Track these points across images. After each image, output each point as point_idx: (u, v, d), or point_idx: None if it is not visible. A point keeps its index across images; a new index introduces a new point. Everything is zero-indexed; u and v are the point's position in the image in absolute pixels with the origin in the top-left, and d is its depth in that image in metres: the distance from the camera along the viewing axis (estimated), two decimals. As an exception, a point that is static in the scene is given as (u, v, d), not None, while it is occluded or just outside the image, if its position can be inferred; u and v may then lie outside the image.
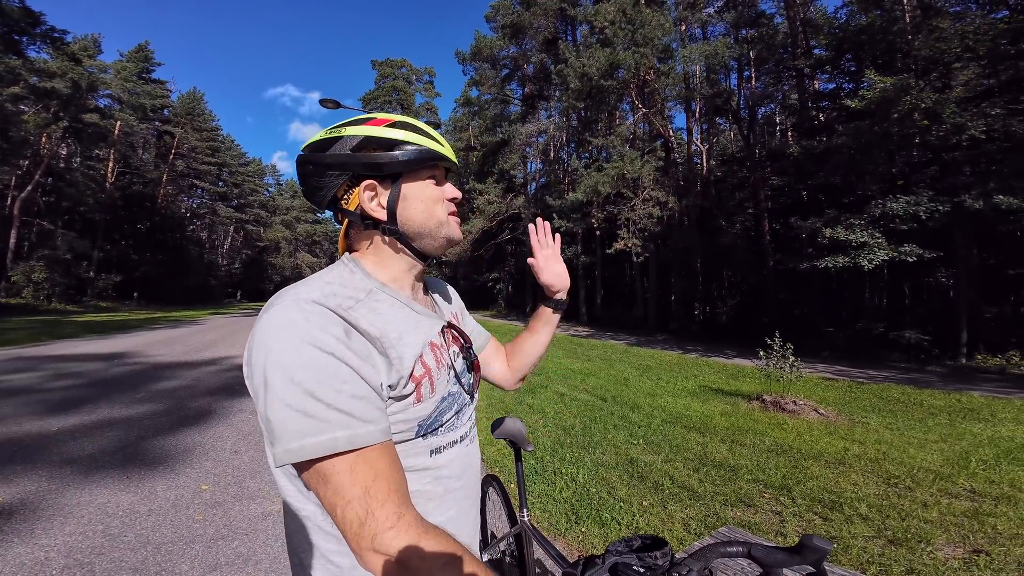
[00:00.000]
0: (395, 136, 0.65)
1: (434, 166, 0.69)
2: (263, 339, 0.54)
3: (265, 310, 0.57)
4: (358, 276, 0.66)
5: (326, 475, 0.51)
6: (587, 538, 2.34)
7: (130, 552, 2.12)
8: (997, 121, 10.21)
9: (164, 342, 10.29)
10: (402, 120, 0.67)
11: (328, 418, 0.51)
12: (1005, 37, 10.83)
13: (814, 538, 0.54)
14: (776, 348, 5.91)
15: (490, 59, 28.10)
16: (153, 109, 35.19)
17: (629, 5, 18.04)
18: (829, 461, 3.60)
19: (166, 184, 37.14)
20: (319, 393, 0.51)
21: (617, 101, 20.87)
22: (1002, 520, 2.59)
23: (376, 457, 0.53)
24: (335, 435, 0.51)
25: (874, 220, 11.77)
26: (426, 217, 0.68)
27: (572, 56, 19.40)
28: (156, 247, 33.12)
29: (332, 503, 0.50)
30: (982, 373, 9.96)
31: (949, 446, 4.14)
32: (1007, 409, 5.85)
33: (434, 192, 0.69)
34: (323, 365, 0.52)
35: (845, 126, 13.29)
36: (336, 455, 0.51)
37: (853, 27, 14.19)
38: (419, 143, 0.66)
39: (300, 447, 0.50)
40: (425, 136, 0.68)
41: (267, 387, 0.52)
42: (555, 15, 24.50)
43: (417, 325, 0.67)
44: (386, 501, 0.50)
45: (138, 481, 2.91)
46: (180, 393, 5.31)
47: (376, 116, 0.68)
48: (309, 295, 0.57)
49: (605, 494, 2.87)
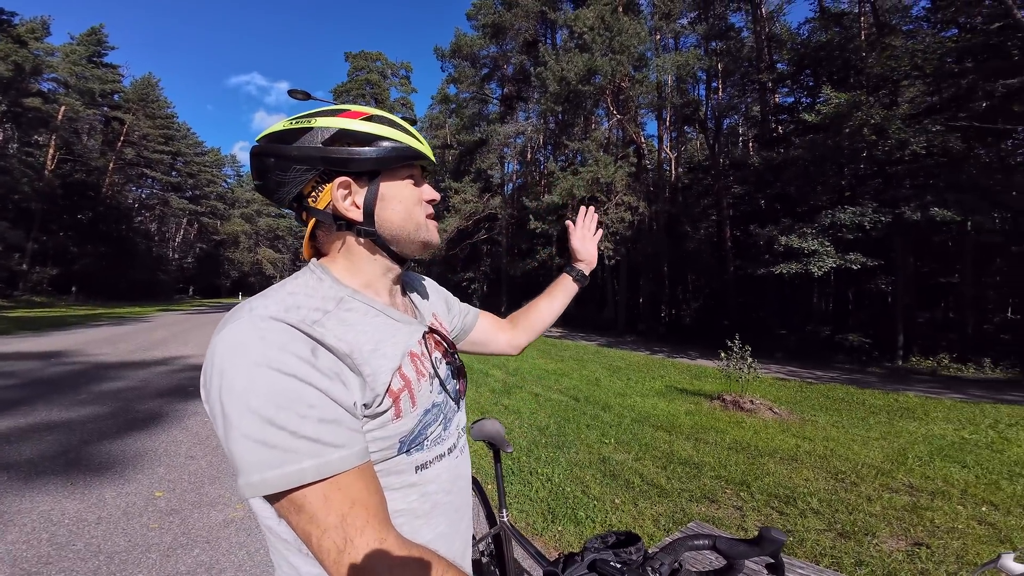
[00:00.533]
0: (373, 131, 0.60)
1: (412, 165, 0.65)
2: (216, 362, 0.49)
3: (219, 329, 0.52)
4: (326, 284, 0.61)
5: (298, 505, 0.47)
6: (564, 536, 2.39)
7: (80, 562, 1.99)
8: (937, 137, 11.06)
9: (107, 340, 9.58)
10: (378, 114, 0.63)
11: (293, 447, 0.47)
12: (951, 56, 11.72)
13: (771, 530, 0.58)
14: (736, 350, 6.21)
15: (470, 57, 27.92)
16: (103, 94, 32.91)
17: (608, 12, 18.42)
18: (783, 458, 3.82)
19: (113, 173, 34.57)
20: (280, 420, 0.47)
21: (593, 106, 21.26)
22: (939, 514, 2.81)
23: (350, 483, 0.49)
24: (302, 465, 0.47)
25: (824, 229, 12.54)
26: (404, 219, 0.64)
27: (552, 59, 19.61)
28: (99, 239, 30.70)
29: (307, 532, 0.47)
30: (916, 374, 10.84)
31: (888, 443, 4.47)
32: (938, 408, 6.38)
33: (413, 193, 0.65)
34: (282, 389, 0.47)
35: (801, 139, 14.11)
36: (306, 486, 0.47)
37: (813, 43, 15.04)
38: (398, 139, 0.62)
39: (262, 480, 0.46)
40: (404, 132, 0.63)
41: (224, 417, 0.48)
42: (536, 17, 24.68)
43: (395, 334, 0.62)
44: (365, 528, 0.47)
45: (84, 488, 2.72)
46: (127, 395, 4.97)
47: (349, 108, 0.62)
48: (266, 311, 0.52)
49: (580, 493, 2.93)
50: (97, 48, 33.50)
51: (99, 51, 33.77)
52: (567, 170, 20.20)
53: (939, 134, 11.08)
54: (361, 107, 0.64)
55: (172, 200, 43.79)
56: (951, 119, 11.65)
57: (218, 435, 0.50)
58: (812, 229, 12.66)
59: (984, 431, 5.08)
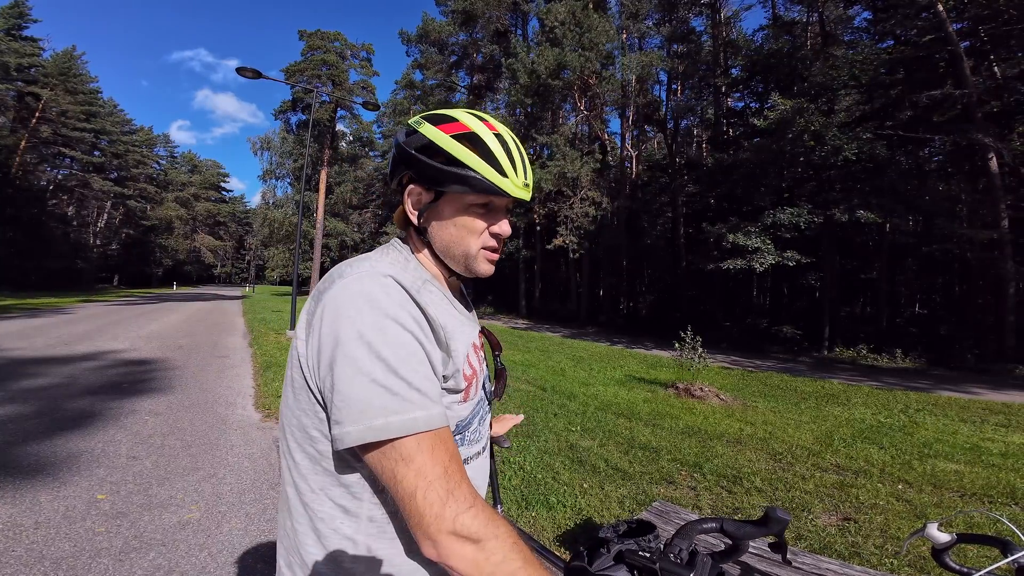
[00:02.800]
0: (456, 154, 0.59)
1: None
2: (341, 309, 0.52)
3: (337, 278, 0.55)
4: (412, 265, 0.65)
5: (409, 455, 0.49)
6: (537, 522, 2.47)
7: (24, 568, 1.84)
8: (866, 144, 12.05)
9: (21, 333, 8.58)
10: (474, 133, 0.60)
11: (410, 397, 0.50)
12: (885, 67, 12.73)
13: (776, 510, 0.60)
14: (688, 341, 6.59)
15: (437, 43, 27.07)
16: (18, 68, 29.16)
17: (579, 8, 18.54)
18: (729, 441, 4.12)
19: (24, 152, 30.57)
20: (402, 371, 0.50)
21: (562, 101, 21.42)
22: (863, 491, 3.10)
23: (448, 438, 0.53)
24: (415, 415, 0.50)
25: (766, 228, 13.43)
26: (453, 243, 0.64)
27: (523, 51, 19.52)
28: (7, 223, 27.06)
29: (413, 485, 0.48)
30: (839, 363, 11.92)
31: (818, 426, 4.89)
32: (858, 395, 7.05)
33: (473, 223, 0.63)
34: (405, 343, 0.51)
35: (749, 142, 14.96)
36: (417, 434, 0.50)
37: (765, 51, 15.82)
38: (475, 168, 0.59)
39: (385, 424, 0.49)
40: (489, 160, 0.59)
41: (348, 360, 0.50)
42: (508, 7, 24.32)
43: (462, 324, 0.65)
44: (462, 481, 0.50)
45: (14, 492, 2.48)
46: (52, 392, 4.52)
47: (457, 118, 0.62)
48: (386, 269, 0.56)
49: (550, 479, 3.03)
50: (17, 21, 30.23)
51: (19, 24, 30.50)
52: (535, 163, 20.31)
53: (868, 141, 12.05)
54: (469, 119, 0.62)
55: (93, 182, 39.26)
56: (879, 127, 12.75)
57: (326, 380, 0.52)
58: (755, 228, 13.47)
59: (897, 415, 5.62)
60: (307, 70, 27.82)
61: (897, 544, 2.36)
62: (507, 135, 0.63)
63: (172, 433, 3.62)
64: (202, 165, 62.49)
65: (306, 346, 0.55)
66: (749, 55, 16.46)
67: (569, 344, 12.64)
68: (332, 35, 29.36)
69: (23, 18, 31.06)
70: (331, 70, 28.43)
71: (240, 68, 8.84)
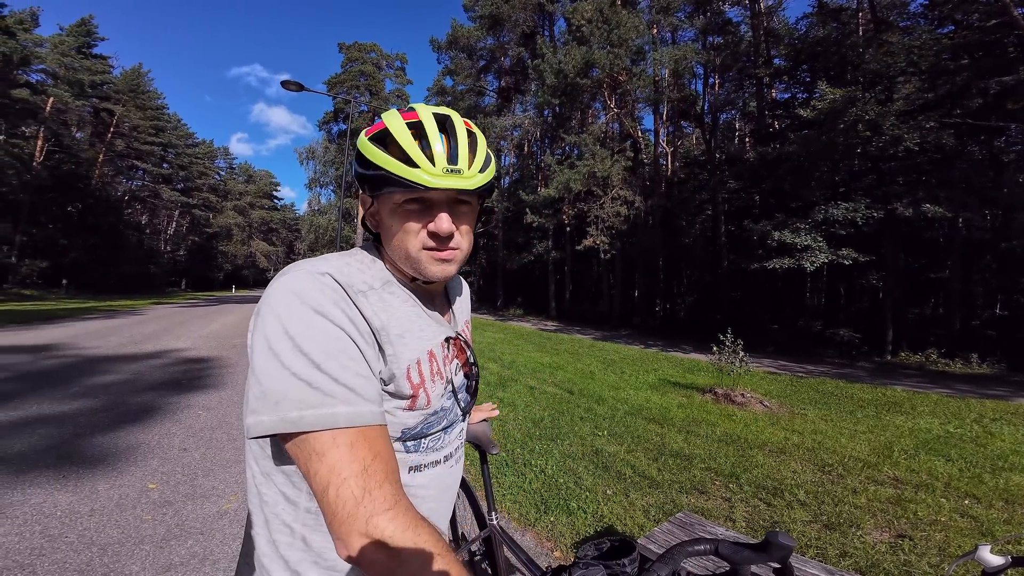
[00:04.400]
0: (370, 155, 0.59)
1: (411, 191, 0.58)
2: (272, 305, 0.53)
3: (277, 277, 0.56)
4: (378, 266, 0.65)
5: (323, 450, 0.48)
6: (556, 527, 2.42)
7: (73, 553, 1.99)
8: (930, 134, 11.11)
9: (99, 333, 9.49)
10: (386, 130, 0.59)
11: (332, 392, 0.49)
12: (947, 52, 11.73)
13: (779, 535, 0.54)
14: (728, 344, 6.27)
15: (466, 49, 27.64)
16: (92, 85, 32.30)
17: (606, 5, 18.29)
18: (772, 450, 3.87)
19: (102, 164, 34.03)
20: (326, 366, 0.50)
21: (591, 100, 21.19)
22: (922, 507, 2.84)
23: (376, 437, 0.51)
24: (335, 410, 0.49)
25: (817, 224, 12.61)
26: (397, 246, 0.62)
27: (549, 52, 19.48)
28: (89, 231, 30.26)
29: (325, 480, 0.47)
30: (904, 369, 10.96)
31: (875, 437, 4.52)
32: (925, 403, 6.46)
33: (404, 224, 0.60)
34: (334, 338, 0.51)
35: (796, 134, 14.13)
36: (337, 429, 0.49)
37: (811, 39, 14.97)
38: (382, 166, 0.57)
39: (300, 416, 0.48)
40: (398, 155, 0.57)
41: (272, 354, 0.50)
42: (534, 9, 24.45)
43: (423, 328, 0.64)
44: (384, 482, 0.48)
45: (76, 480, 2.71)
46: (119, 388, 4.94)
47: (383, 118, 0.61)
48: (326, 267, 0.57)
49: (572, 484, 2.96)
50: (87, 39, 32.96)
51: (88, 42, 33.22)
52: (564, 164, 20.17)
53: (933, 131, 11.13)
54: (389, 116, 0.60)
55: (163, 192, 43.17)
56: (945, 116, 11.71)
57: (253, 376, 0.52)
58: (805, 224, 12.72)
59: (969, 425, 5.15)
60: (346, 81, 29.16)
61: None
62: (430, 121, 0.59)
63: (220, 427, 3.87)
64: (256, 175, 66.86)
65: (249, 338, 0.56)
66: (793, 43, 15.58)
67: (600, 347, 12.39)
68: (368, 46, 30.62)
69: (91, 36, 33.52)
70: (368, 80, 29.64)
71: (285, 82, 9.30)
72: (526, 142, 27.31)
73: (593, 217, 18.89)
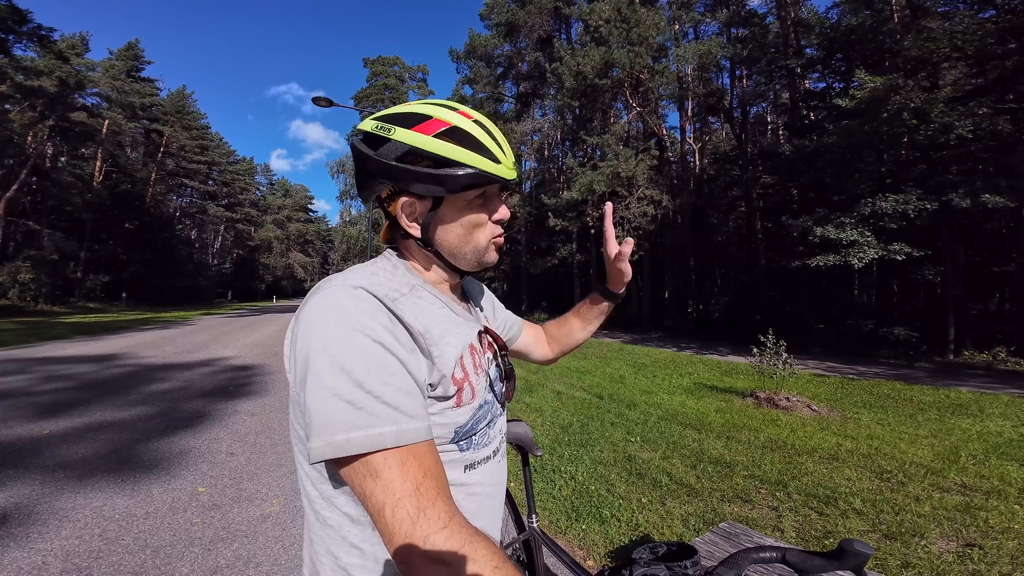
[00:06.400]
0: (443, 152, 0.57)
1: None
2: (311, 324, 0.52)
3: (312, 294, 0.56)
4: (401, 271, 0.65)
5: (376, 471, 0.48)
6: (588, 535, 2.36)
7: (128, 556, 2.10)
8: (984, 120, 10.35)
9: (155, 343, 10.15)
10: (457, 127, 0.59)
11: (376, 411, 0.49)
12: (992, 36, 10.97)
13: (855, 542, 0.52)
14: (769, 345, 5.98)
15: (484, 57, 28.05)
16: (142, 107, 34.74)
17: (624, 4, 18.11)
18: (823, 457, 3.65)
19: (155, 183, 36.64)
20: (368, 384, 0.49)
21: (612, 100, 20.94)
22: (993, 514, 2.64)
23: (424, 453, 0.50)
24: (382, 430, 0.48)
25: (864, 218, 11.92)
26: (462, 242, 0.64)
27: (567, 55, 19.43)
28: (145, 247, 32.65)
29: (380, 502, 0.47)
30: (969, 369, 10.15)
31: (939, 441, 4.21)
32: (994, 404, 5.96)
33: (477, 218, 0.63)
34: (373, 355, 0.50)
35: (835, 125, 13.44)
36: (385, 450, 0.48)
37: (844, 27, 14.31)
38: (471, 164, 0.58)
39: (347, 440, 0.48)
40: (480, 151, 0.59)
41: (313, 375, 0.50)
42: (550, 13, 24.55)
43: (458, 326, 0.65)
44: (437, 499, 0.48)
45: (133, 484, 2.88)
46: (173, 395, 5.25)
47: (432, 115, 0.59)
48: (357, 281, 0.56)
49: (604, 491, 2.89)
50: (135, 63, 35.21)
51: (136, 65, 35.49)
52: (586, 165, 19.99)
53: (986, 117, 10.35)
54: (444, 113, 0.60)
55: (210, 208, 46.02)
56: (998, 101, 10.85)
57: (296, 397, 0.52)
58: (850, 219, 12.04)
59: None
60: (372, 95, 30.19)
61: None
62: (483, 119, 0.62)
63: (263, 432, 4.04)
64: (293, 189, 70.14)
65: (288, 363, 0.56)
66: (825, 32, 14.90)
67: (630, 350, 12.11)
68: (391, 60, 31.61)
69: (139, 59, 35.69)
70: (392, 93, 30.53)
71: (316, 98, 9.69)
72: (546, 146, 27.28)
73: (618, 218, 18.59)
